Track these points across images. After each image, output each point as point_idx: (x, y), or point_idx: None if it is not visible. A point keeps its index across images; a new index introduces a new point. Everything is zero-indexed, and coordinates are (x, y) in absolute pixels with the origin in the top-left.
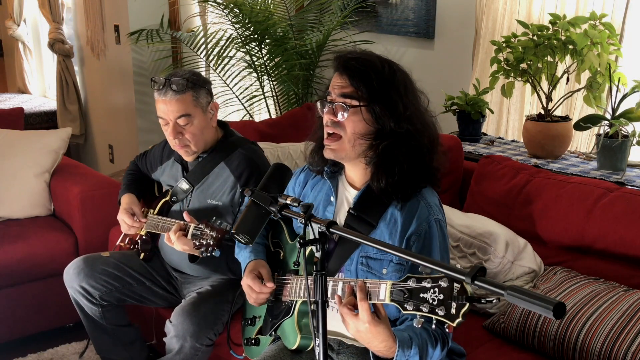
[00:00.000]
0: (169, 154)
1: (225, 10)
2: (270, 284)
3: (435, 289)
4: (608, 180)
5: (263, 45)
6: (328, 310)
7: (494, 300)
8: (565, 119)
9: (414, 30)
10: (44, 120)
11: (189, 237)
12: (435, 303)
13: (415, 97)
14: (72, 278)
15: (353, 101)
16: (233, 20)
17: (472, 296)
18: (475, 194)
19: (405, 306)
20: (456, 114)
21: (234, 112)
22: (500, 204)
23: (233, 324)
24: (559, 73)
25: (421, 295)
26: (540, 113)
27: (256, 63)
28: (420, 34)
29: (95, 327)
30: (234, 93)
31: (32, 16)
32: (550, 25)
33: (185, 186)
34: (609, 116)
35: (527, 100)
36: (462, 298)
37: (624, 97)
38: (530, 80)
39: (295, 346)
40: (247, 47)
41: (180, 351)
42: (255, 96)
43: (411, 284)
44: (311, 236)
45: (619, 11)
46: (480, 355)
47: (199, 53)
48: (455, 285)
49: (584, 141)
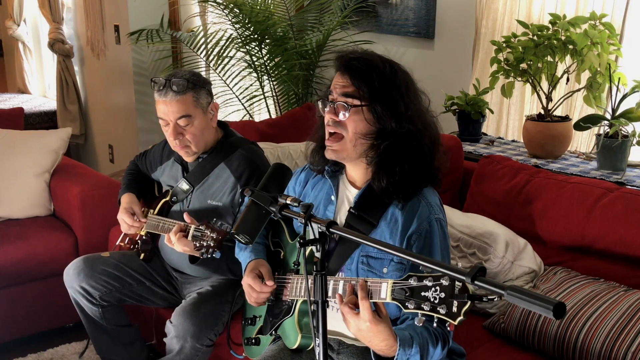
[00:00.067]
0: (168, 154)
1: (225, 10)
2: (271, 283)
3: (437, 287)
4: (608, 180)
5: (263, 45)
6: (328, 309)
7: (495, 299)
8: (565, 119)
9: (414, 30)
10: (44, 120)
11: (190, 239)
12: (436, 301)
13: (416, 97)
14: (72, 278)
15: (354, 101)
16: (233, 20)
17: (474, 294)
18: (475, 194)
19: (406, 304)
20: (456, 114)
21: (234, 112)
22: (500, 204)
23: (233, 324)
24: (559, 73)
25: (422, 293)
26: (540, 113)
27: (256, 63)
28: (420, 34)
29: (95, 328)
30: (234, 93)
31: (32, 16)
32: (550, 25)
33: (186, 186)
34: (609, 116)
35: (527, 100)
36: (464, 296)
37: (624, 97)
38: (530, 80)
39: (295, 345)
40: (247, 47)
41: (181, 351)
42: (255, 96)
43: (412, 282)
44: (311, 236)
45: (619, 11)
46: (480, 355)
47: (199, 53)
48: (456, 283)
49: (584, 141)
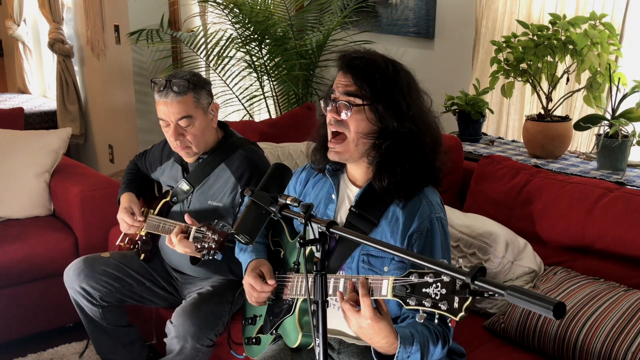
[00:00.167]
0: (168, 155)
1: (225, 10)
2: (272, 281)
3: (438, 284)
4: (608, 180)
5: (263, 45)
6: (329, 308)
7: (496, 295)
8: (565, 119)
9: (414, 30)
10: (44, 120)
11: (191, 240)
12: (437, 298)
13: (418, 97)
14: (72, 279)
15: (357, 100)
16: (233, 20)
17: (475, 290)
18: (475, 194)
19: (407, 301)
20: (456, 114)
21: (234, 112)
22: (500, 204)
23: (233, 323)
24: (559, 73)
25: (423, 290)
26: (540, 113)
27: (256, 63)
28: (420, 34)
29: (95, 328)
30: (234, 93)
31: (32, 16)
32: (550, 25)
33: (186, 187)
34: (609, 116)
35: (527, 100)
36: (465, 292)
37: (624, 97)
38: (530, 80)
39: (296, 344)
40: (247, 47)
41: (181, 352)
42: (255, 96)
43: (413, 279)
44: (311, 236)
45: (619, 11)
46: (480, 355)
47: (199, 53)
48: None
49: (584, 141)
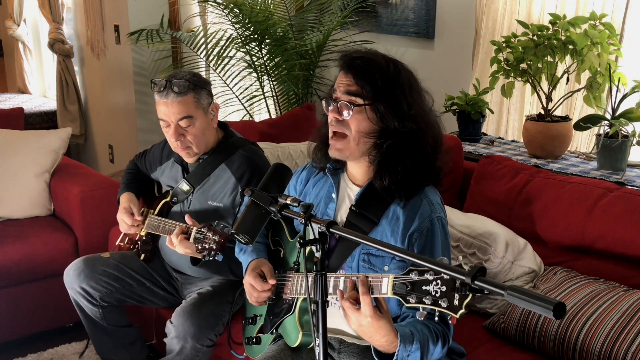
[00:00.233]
0: (168, 155)
1: (225, 10)
2: (273, 281)
3: (438, 281)
4: (608, 180)
5: (263, 45)
6: (329, 307)
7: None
8: (565, 119)
9: (414, 30)
10: (44, 120)
11: (191, 241)
12: (437, 295)
13: (419, 97)
14: (73, 279)
15: (358, 99)
16: (233, 20)
17: (475, 287)
18: (475, 194)
19: (407, 299)
20: (456, 114)
21: (234, 112)
22: (500, 204)
23: (233, 323)
24: (559, 73)
25: (424, 287)
26: (540, 113)
27: (256, 63)
28: (420, 34)
29: (95, 328)
30: (234, 93)
31: (32, 16)
32: (550, 25)
33: (186, 187)
34: (609, 116)
35: (527, 100)
36: (465, 289)
37: (624, 97)
38: (530, 80)
39: (296, 343)
40: (247, 47)
41: (181, 352)
42: (255, 96)
43: (413, 276)
44: (311, 236)
45: (619, 11)
46: (480, 355)
47: (199, 53)
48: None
49: (584, 141)
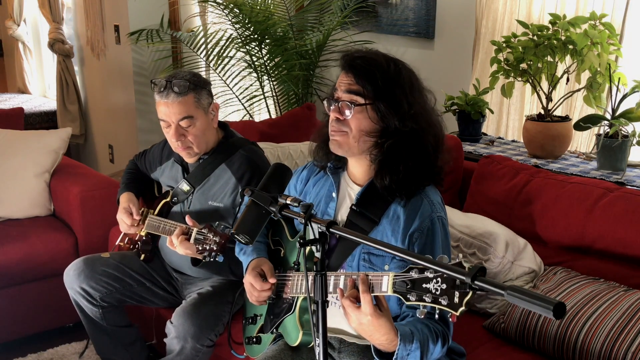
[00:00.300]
0: (168, 155)
1: (225, 10)
2: (273, 280)
3: (438, 279)
4: (608, 180)
5: (263, 45)
6: (330, 306)
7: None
8: (565, 119)
9: (414, 30)
10: (44, 120)
11: (192, 242)
12: (438, 292)
13: (421, 96)
14: (73, 279)
15: (358, 99)
16: (233, 20)
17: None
18: (475, 194)
19: (408, 297)
20: (456, 114)
21: (234, 112)
22: (500, 204)
23: (234, 323)
24: (559, 73)
25: (424, 285)
26: (540, 113)
27: (256, 63)
28: (420, 34)
29: (95, 328)
30: (234, 93)
31: (32, 16)
32: (550, 25)
33: (186, 187)
34: (609, 116)
35: (527, 100)
36: (465, 287)
37: (624, 97)
38: (530, 80)
39: (297, 342)
40: (247, 47)
41: (181, 352)
42: (255, 96)
43: (414, 274)
44: (311, 236)
45: (619, 11)
46: (480, 355)
47: (199, 53)
48: None
49: (584, 141)
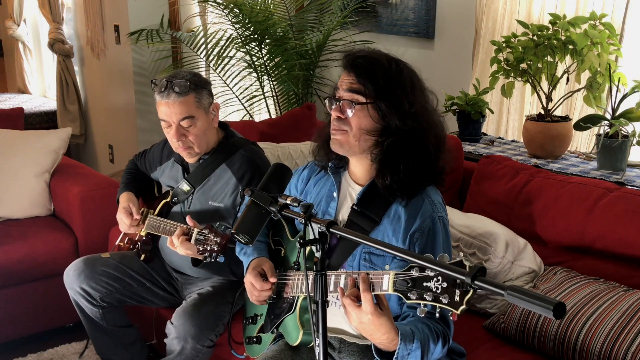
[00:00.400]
0: (168, 155)
1: (225, 10)
2: (273, 279)
3: (439, 277)
4: (608, 180)
5: (263, 45)
6: (330, 306)
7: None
8: (565, 119)
9: (414, 30)
10: (44, 120)
11: (193, 242)
12: (438, 291)
13: (422, 96)
14: (73, 280)
15: (360, 98)
16: (233, 20)
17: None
18: (475, 194)
19: (408, 295)
20: (456, 114)
21: (234, 112)
22: (500, 204)
23: (234, 323)
24: (559, 73)
25: (424, 284)
26: (540, 113)
27: (256, 63)
28: (420, 34)
29: (95, 328)
30: (234, 93)
31: (32, 16)
32: (550, 25)
33: (186, 187)
34: (609, 116)
35: (527, 100)
36: (466, 285)
37: (624, 97)
38: (530, 80)
39: (297, 342)
40: (247, 47)
41: (182, 352)
42: (255, 96)
43: (414, 273)
44: (312, 236)
45: (619, 11)
46: (480, 355)
47: (199, 53)
48: None
49: (584, 141)
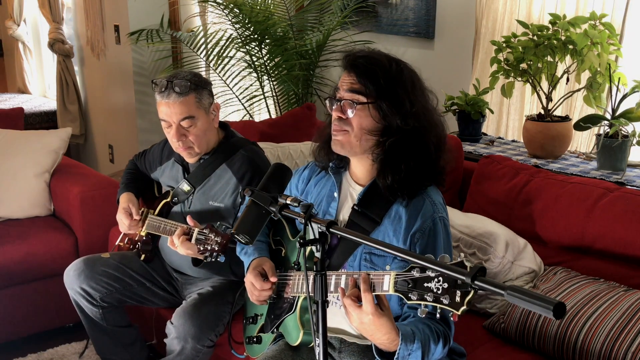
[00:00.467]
0: (168, 155)
1: (225, 10)
2: (274, 279)
3: (440, 278)
4: (608, 180)
5: (263, 45)
6: (330, 306)
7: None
8: (565, 119)
9: (414, 30)
10: (44, 120)
11: (193, 242)
12: (439, 292)
13: (423, 95)
14: (73, 280)
15: (360, 98)
16: (233, 20)
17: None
18: (475, 194)
19: (409, 296)
20: (456, 114)
21: (234, 112)
22: (500, 204)
23: (234, 323)
24: (559, 73)
25: (425, 284)
26: (540, 113)
27: (256, 63)
28: (420, 34)
29: (95, 328)
30: (234, 93)
31: (32, 16)
32: (550, 25)
33: (187, 187)
34: (609, 116)
35: (527, 100)
36: (467, 286)
37: (624, 97)
38: (530, 80)
39: (297, 342)
40: (247, 47)
41: (182, 352)
42: (255, 96)
43: (415, 273)
44: (312, 236)
45: (619, 11)
46: (480, 355)
47: (199, 53)
48: None
49: (584, 141)
